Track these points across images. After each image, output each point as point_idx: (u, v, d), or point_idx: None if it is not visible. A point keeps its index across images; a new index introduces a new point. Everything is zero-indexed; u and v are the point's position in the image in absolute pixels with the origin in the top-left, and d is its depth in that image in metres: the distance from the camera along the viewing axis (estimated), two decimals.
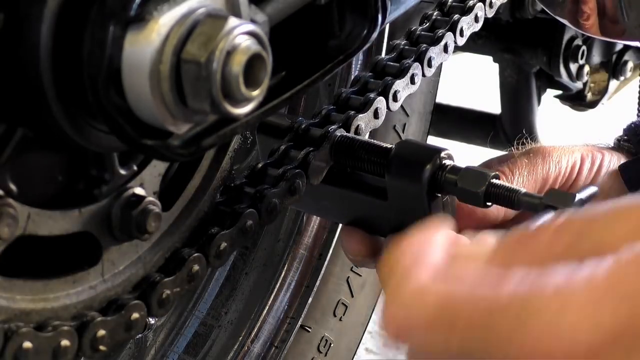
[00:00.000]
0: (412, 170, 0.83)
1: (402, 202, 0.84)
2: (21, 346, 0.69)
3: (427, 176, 0.82)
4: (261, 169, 0.90)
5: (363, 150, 0.88)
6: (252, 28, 0.67)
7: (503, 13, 1.77)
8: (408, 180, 0.83)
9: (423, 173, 0.82)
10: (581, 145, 1.00)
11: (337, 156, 0.90)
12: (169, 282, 0.79)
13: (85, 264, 0.77)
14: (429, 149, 0.84)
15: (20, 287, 0.72)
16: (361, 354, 2.65)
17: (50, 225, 0.73)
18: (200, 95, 0.65)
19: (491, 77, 2.12)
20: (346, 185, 0.89)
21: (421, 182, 0.82)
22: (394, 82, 1.00)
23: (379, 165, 0.87)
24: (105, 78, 0.65)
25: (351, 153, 0.89)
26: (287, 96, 0.80)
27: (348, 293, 1.41)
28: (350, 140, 0.90)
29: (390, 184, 0.85)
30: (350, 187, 0.89)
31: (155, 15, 0.65)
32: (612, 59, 2.00)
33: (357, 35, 0.87)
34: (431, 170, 0.83)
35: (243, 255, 1.39)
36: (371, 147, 0.88)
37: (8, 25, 0.64)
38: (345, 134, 0.91)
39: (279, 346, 1.35)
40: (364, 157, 0.88)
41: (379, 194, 0.86)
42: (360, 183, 0.89)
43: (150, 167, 0.79)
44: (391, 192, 0.85)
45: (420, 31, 1.09)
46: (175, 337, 1.37)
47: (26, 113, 0.68)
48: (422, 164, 0.83)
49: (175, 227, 0.83)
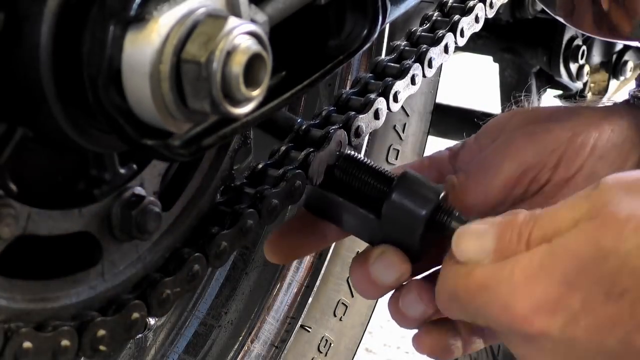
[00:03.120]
0: (412, 208, 0.86)
1: (395, 226, 0.87)
2: (21, 346, 0.69)
3: (426, 216, 0.85)
4: (261, 169, 0.90)
5: (366, 174, 0.90)
6: (252, 28, 0.67)
7: (503, 13, 1.77)
8: (406, 215, 0.86)
9: (423, 213, 0.85)
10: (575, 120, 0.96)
11: (340, 172, 0.92)
12: (169, 282, 0.79)
13: (85, 264, 0.77)
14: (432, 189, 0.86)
15: (20, 287, 0.72)
16: (361, 354, 2.66)
17: (50, 225, 0.73)
18: (200, 96, 0.65)
19: (491, 77, 2.12)
20: (341, 194, 0.90)
21: (419, 220, 0.85)
22: (395, 82, 1.00)
23: (379, 192, 0.89)
24: (105, 78, 0.65)
25: (354, 173, 0.91)
26: (287, 96, 0.80)
27: (348, 293, 1.41)
28: (354, 160, 0.92)
29: (387, 212, 0.87)
30: (346, 196, 0.90)
31: (155, 15, 0.65)
32: (612, 59, 2.00)
33: (357, 36, 0.87)
34: (431, 211, 0.85)
35: (243, 255, 1.39)
36: (375, 172, 0.90)
37: (8, 25, 0.64)
38: (350, 153, 0.92)
39: (279, 346, 1.36)
40: (366, 180, 0.90)
41: (373, 209, 0.88)
42: (356, 195, 0.90)
43: (150, 167, 0.79)
44: (386, 216, 0.87)
45: (420, 32, 1.09)
46: (175, 337, 1.37)
47: (26, 113, 0.68)
48: (423, 203, 0.85)
49: (175, 227, 0.83)
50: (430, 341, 0.89)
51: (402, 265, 0.87)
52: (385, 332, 2.95)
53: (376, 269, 0.87)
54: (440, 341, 0.88)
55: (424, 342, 0.89)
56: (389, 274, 0.87)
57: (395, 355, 2.84)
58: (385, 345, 2.89)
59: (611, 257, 0.68)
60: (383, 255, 0.87)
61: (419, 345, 0.89)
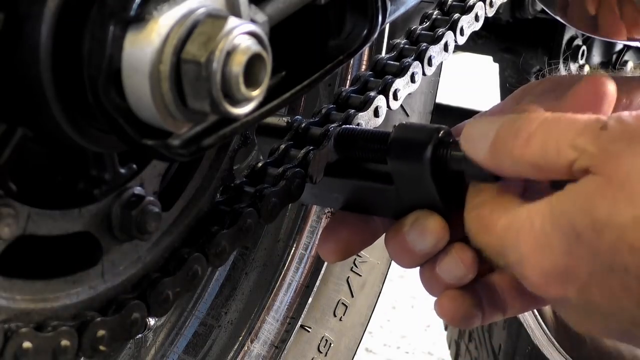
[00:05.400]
0: (412, 152, 0.82)
1: (408, 184, 0.83)
2: (21, 346, 0.69)
3: (428, 156, 0.81)
4: (261, 168, 0.90)
5: (363, 139, 0.88)
6: (252, 28, 0.67)
7: (503, 13, 1.77)
8: (409, 163, 0.83)
9: (424, 154, 0.81)
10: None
11: (339, 149, 0.90)
12: (169, 281, 0.79)
13: (85, 264, 0.77)
14: (428, 129, 0.83)
15: (20, 287, 0.72)
16: (361, 354, 2.66)
17: (50, 225, 0.73)
18: (200, 95, 0.65)
19: (491, 77, 2.12)
20: (352, 175, 0.89)
21: (423, 163, 0.81)
22: (394, 80, 1.00)
23: (380, 151, 0.87)
24: (105, 78, 0.65)
25: (353, 143, 0.89)
26: (287, 96, 0.80)
27: (348, 293, 1.41)
28: (349, 131, 0.90)
29: (392, 168, 0.84)
30: (356, 176, 0.88)
31: (155, 15, 0.65)
32: (612, 59, 2.00)
33: (357, 35, 0.87)
34: (432, 150, 0.81)
35: (243, 255, 1.39)
36: (371, 134, 0.88)
37: (8, 25, 0.64)
38: (347, 126, 0.91)
39: (279, 346, 1.36)
40: (365, 145, 0.88)
41: (385, 179, 0.86)
42: (365, 171, 0.89)
43: (150, 167, 0.79)
44: (395, 175, 0.84)
45: (420, 30, 1.09)
46: (175, 337, 1.37)
47: (26, 113, 0.68)
48: (421, 144, 0.82)
49: (175, 227, 0.83)
50: (453, 307, 0.85)
51: (438, 229, 0.83)
52: (385, 332, 2.95)
53: (412, 237, 0.84)
54: (463, 309, 0.85)
55: (447, 308, 0.85)
56: (426, 241, 0.84)
57: (395, 355, 2.85)
58: (385, 345, 2.90)
59: (606, 231, 0.66)
60: (417, 222, 0.84)
61: (441, 310, 0.86)
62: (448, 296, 0.85)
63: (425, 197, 0.83)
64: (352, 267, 1.39)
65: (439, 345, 2.83)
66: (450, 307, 0.85)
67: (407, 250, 0.85)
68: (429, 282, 0.86)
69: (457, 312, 0.85)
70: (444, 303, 0.85)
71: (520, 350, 2.03)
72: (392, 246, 0.86)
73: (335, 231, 0.92)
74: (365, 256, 1.39)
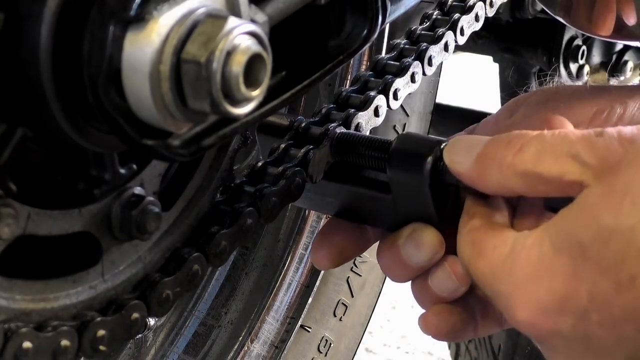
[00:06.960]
0: (413, 163, 0.82)
1: (405, 196, 0.83)
2: (21, 346, 0.69)
3: (428, 168, 0.81)
4: (261, 167, 0.90)
5: (363, 146, 0.88)
6: (252, 28, 0.67)
7: (503, 13, 1.78)
8: (409, 174, 0.82)
9: (424, 165, 0.81)
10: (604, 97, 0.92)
11: (338, 153, 0.90)
12: (169, 281, 0.79)
13: (85, 264, 0.77)
14: (429, 141, 0.83)
15: (20, 287, 0.72)
16: (361, 354, 2.66)
17: (50, 225, 0.73)
18: (200, 95, 0.65)
19: (491, 77, 2.12)
20: (349, 181, 0.89)
21: (422, 175, 0.81)
22: (394, 80, 1.00)
23: (379, 160, 0.86)
24: (105, 78, 0.65)
25: (352, 149, 0.89)
26: (287, 96, 0.80)
27: (348, 293, 1.41)
28: (350, 136, 0.90)
29: (392, 178, 0.84)
30: (353, 182, 0.88)
31: (155, 15, 0.65)
32: (612, 59, 2.01)
33: (357, 35, 0.87)
34: (432, 162, 0.81)
35: (243, 255, 1.39)
36: (371, 142, 0.88)
37: (8, 25, 0.64)
38: (345, 131, 0.91)
39: (279, 346, 1.36)
40: (364, 152, 0.88)
41: (382, 187, 0.86)
42: (362, 178, 0.88)
43: (150, 167, 0.79)
44: (394, 185, 0.84)
45: (420, 30, 1.09)
46: (175, 337, 1.37)
47: (26, 113, 0.68)
48: (422, 156, 0.81)
49: (175, 227, 0.83)
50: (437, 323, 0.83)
51: (435, 243, 0.82)
52: (385, 332, 2.95)
53: (407, 250, 0.83)
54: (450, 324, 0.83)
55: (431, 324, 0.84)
56: (421, 254, 0.83)
57: (395, 355, 2.85)
58: (385, 345, 2.90)
59: (614, 238, 0.63)
60: (413, 234, 0.83)
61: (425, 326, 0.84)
62: (433, 312, 0.84)
63: (422, 209, 0.83)
64: (352, 267, 1.39)
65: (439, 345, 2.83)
66: (434, 322, 0.83)
67: (401, 263, 0.84)
68: (420, 295, 0.85)
69: (442, 328, 0.83)
70: (428, 319, 0.84)
71: (520, 350, 2.03)
72: (385, 259, 0.85)
73: (329, 237, 0.91)
74: (365, 256, 1.39)
